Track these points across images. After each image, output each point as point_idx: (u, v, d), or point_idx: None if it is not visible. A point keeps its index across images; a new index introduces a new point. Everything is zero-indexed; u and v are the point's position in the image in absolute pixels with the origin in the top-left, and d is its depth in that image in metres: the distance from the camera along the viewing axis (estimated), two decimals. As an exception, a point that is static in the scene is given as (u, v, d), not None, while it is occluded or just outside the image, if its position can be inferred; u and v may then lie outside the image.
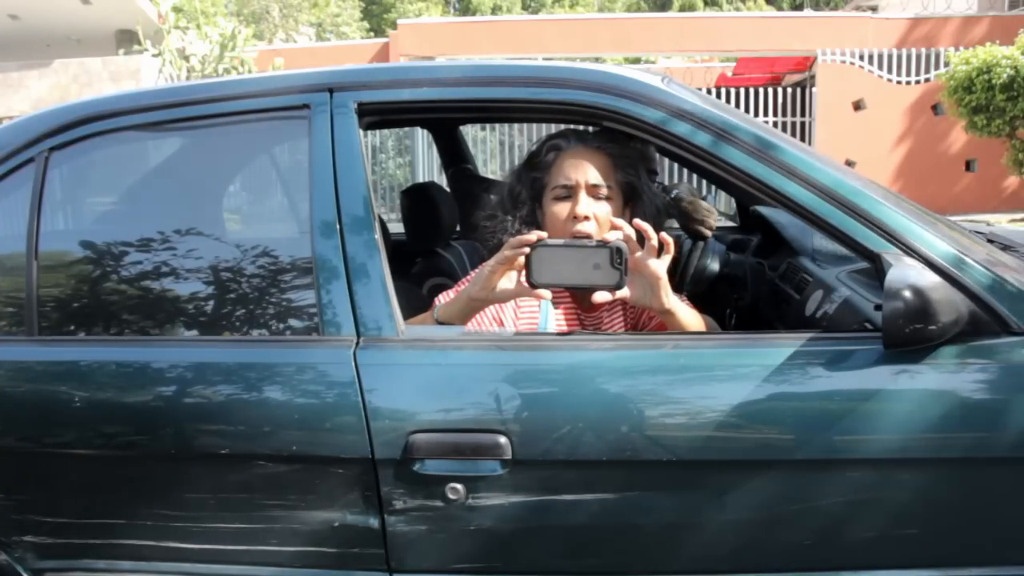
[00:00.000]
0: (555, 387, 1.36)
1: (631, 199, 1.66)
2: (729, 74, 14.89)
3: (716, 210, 2.25)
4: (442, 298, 1.62)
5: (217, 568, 1.45)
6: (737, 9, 29.32)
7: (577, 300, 1.68)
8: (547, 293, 1.40)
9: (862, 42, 12.52)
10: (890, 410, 1.30)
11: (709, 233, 2.15)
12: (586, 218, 1.58)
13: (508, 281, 1.46)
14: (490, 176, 2.92)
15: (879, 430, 1.31)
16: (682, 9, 29.86)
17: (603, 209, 1.60)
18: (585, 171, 1.60)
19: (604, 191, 1.61)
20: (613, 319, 1.70)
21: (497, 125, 11.97)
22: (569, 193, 1.61)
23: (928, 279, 1.28)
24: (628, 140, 1.62)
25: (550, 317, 1.63)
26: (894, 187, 8.21)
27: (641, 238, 1.44)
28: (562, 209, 1.61)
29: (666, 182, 2.22)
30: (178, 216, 1.59)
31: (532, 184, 1.67)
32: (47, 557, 1.49)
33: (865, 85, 12.31)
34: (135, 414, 1.42)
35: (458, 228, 2.58)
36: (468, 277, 1.68)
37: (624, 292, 1.40)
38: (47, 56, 14.98)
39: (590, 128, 1.69)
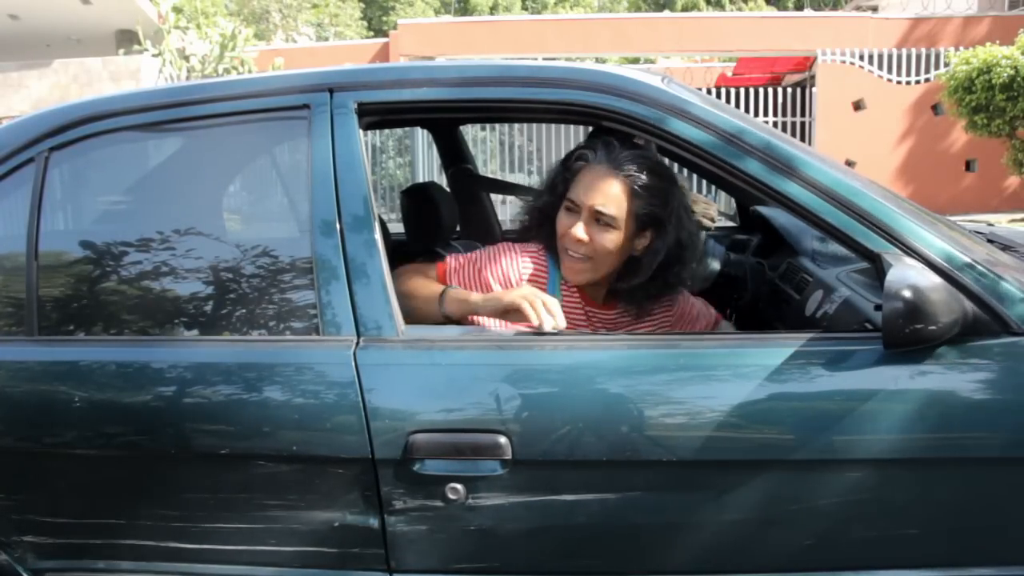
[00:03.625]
0: (555, 387, 1.36)
1: (651, 227, 1.63)
2: (729, 74, 14.88)
3: (715, 205, 2.26)
4: (453, 272, 1.65)
5: (217, 568, 1.45)
6: (739, 9, 29.31)
7: (588, 300, 1.69)
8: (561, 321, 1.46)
9: (862, 42, 12.51)
10: (890, 410, 1.30)
11: (711, 224, 2.15)
12: (579, 241, 1.59)
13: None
14: (490, 176, 2.91)
15: (879, 430, 1.31)
16: (683, 9, 29.84)
17: (602, 237, 1.60)
18: (594, 196, 1.59)
19: (609, 220, 1.59)
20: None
21: (497, 125, 11.97)
22: (575, 209, 1.62)
23: (928, 279, 1.27)
24: (659, 168, 1.62)
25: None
26: (894, 187, 8.20)
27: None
28: (566, 222, 1.62)
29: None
30: (178, 216, 1.59)
31: (564, 181, 1.68)
32: (47, 557, 1.49)
33: (865, 85, 12.31)
34: (135, 414, 1.42)
35: (458, 228, 2.58)
36: (474, 256, 1.68)
37: None
38: (47, 56, 14.96)
39: (627, 143, 1.64)
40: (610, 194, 1.59)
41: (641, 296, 1.69)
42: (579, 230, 1.59)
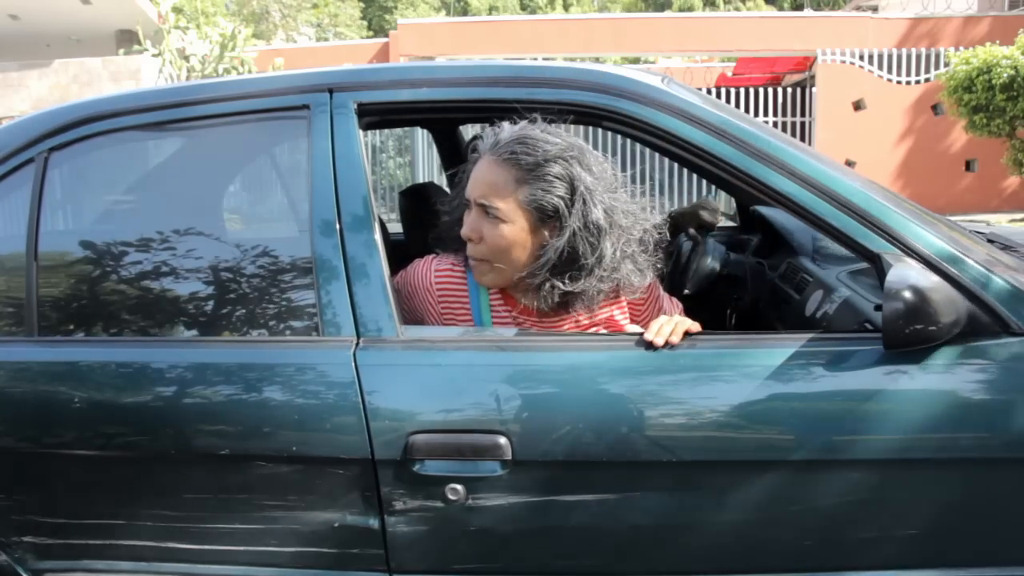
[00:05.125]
0: (555, 387, 1.36)
1: (556, 217, 1.48)
2: (729, 74, 14.88)
3: (716, 204, 2.28)
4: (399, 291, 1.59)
5: (217, 568, 1.45)
6: (737, 9, 29.30)
7: (522, 309, 1.58)
8: None
9: (862, 42, 12.52)
10: (890, 411, 1.30)
11: (712, 216, 2.17)
12: (469, 238, 1.51)
13: None
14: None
15: (879, 431, 1.31)
16: (681, 9, 29.82)
17: (493, 231, 1.48)
18: (477, 188, 1.50)
19: (495, 212, 1.47)
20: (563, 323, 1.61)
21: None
22: (468, 206, 1.52)
23: (928, 280, 1.28)
24: (547, 149, 1.46)
25: (484, 312, 1.58)
26: (894, 187, 8.21)
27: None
28: (463, 221, 1.53)
29: (666, 182, 2.24)
30: (178, 216, 1.59)
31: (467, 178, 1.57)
32: (47, 557, 1.49)
33: (865, 85, 12.31)
34: (135, 414, 1.42)
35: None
36: (398, 276, 1.61)
37: None
38: (47, 56, 14.96)
39: (507, 124, 1.53)
40: (492, 184, 1.48)
41: (558, 297, 1.50)
42: (466, 227, 1.50)
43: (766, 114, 12.36)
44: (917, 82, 12.29)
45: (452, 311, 1.58)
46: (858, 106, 12.39)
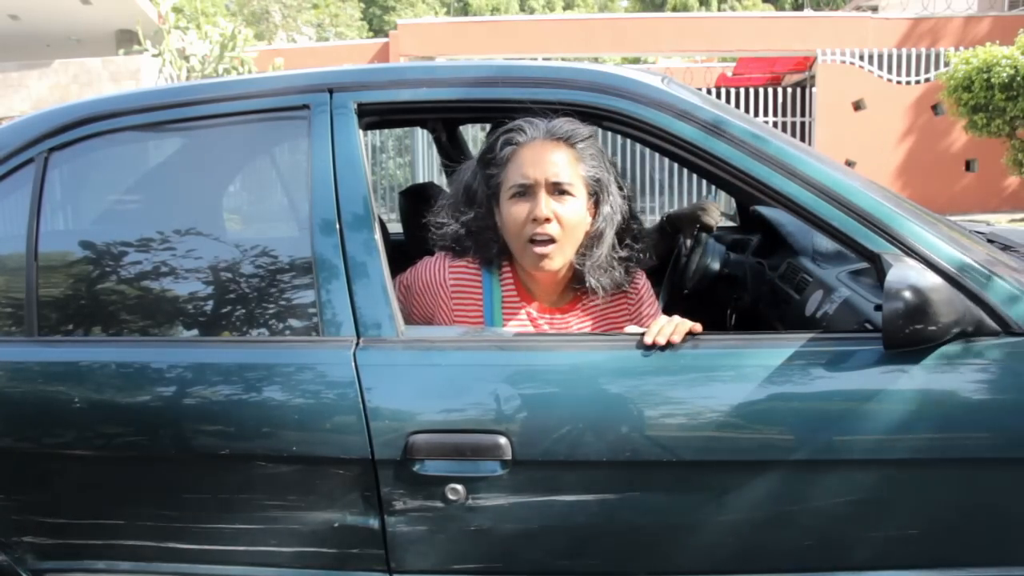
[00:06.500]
0: (555, 387, 1.36)
1: (596, 192, 1.58)
2: (729, 74, 14.88)
3: (717, 206, 2.28)
4: (402, 295, 1.61)
5: (217, 568, 1.45)
6: (732, 8, 29.27)
7: (541, 307, 1.62)
8: None
9: (862, 42, 12.51)
10: (890, 411, 1.30)
11: (712, 218, 2.17)
12: (547, 220, 1.51)
13: None
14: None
15: (879, 430, 1.31)
16: (676, 8, 29.77)
17: (565, 207, 1.53)
18: (544, 167, 1.52)
19: (568, 188, 1.53)
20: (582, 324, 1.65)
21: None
22: (527, 191, 1.53)
23: (928, 280, 1.28)
24: (590, 131, 1.55)
25: (497, 313, 1.60)
26: (894, 187, 8.21)
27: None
28: (521, 209, 1.53)
29: (666, 183, 2.24)
30: (178, 216, 1.59)
31: (488, 182, 1.58)
32: (47, 557, 1.49)
33: (865, 85, 12.31)
34: (135, 414, 1.42)
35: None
36: (406, 277, 1.64)
37: None
38: (47, 56, 14.95)
39: (547, 117, 1.55)
40: (562, 162, 1.52)
41: (608, 274, 1.59)
42: (544, 207, 1.51)
43: (766, 114, 12.35)
44: (917, 82, 12.29)
45: (464, 308, 1.59)
46: (858, 106, 12.39)
